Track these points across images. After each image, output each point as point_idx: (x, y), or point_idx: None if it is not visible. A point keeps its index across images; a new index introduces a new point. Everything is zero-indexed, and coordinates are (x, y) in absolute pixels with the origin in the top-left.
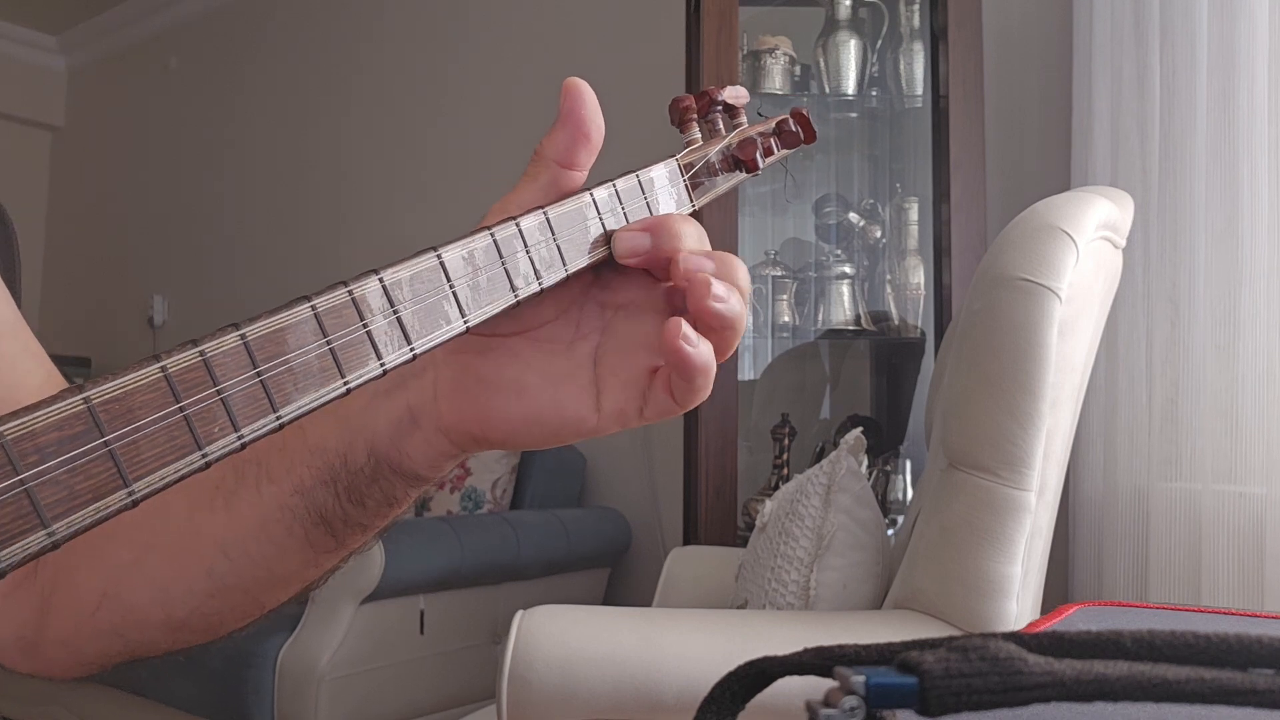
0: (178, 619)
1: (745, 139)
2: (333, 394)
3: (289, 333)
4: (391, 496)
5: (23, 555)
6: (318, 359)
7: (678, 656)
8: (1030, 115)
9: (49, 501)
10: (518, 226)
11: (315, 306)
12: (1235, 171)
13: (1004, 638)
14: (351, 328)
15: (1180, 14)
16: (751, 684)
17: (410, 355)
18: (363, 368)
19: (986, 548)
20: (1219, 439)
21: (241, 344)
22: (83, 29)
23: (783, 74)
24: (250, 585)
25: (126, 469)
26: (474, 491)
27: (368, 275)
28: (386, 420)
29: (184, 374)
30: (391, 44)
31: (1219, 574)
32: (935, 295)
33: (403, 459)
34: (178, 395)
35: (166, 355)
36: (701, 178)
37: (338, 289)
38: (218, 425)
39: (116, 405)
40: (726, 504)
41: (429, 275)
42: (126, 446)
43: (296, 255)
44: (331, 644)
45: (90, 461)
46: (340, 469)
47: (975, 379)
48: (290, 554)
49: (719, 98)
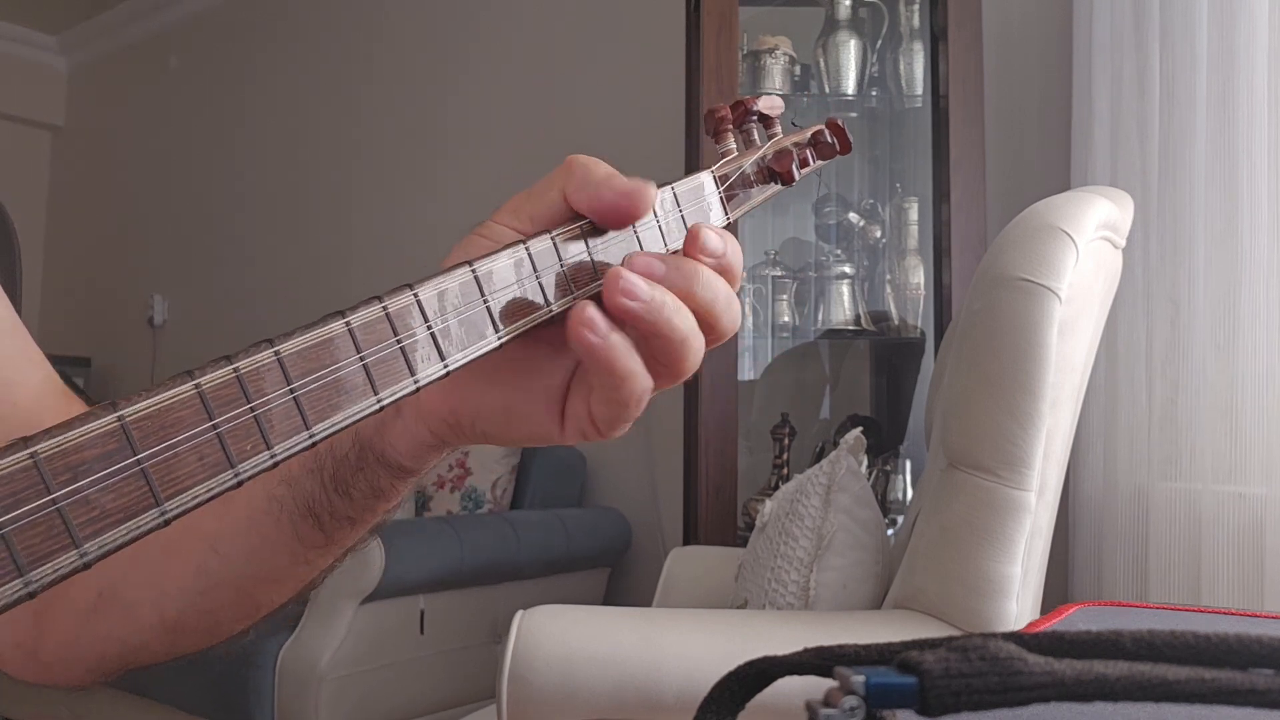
0: (171, 619)
1: (780, 150)
2: (366, 411)
3: (323, 349)
4: (377, 488)
5: (54, 576)
6: (352, 375)
7: (678, 656)
8: (1030, 115)
9: (80, 521)
10: (553, 241)
11: (350, 322)
12: (1235, 171)
13: (1004, 638)
14: (386, 343)
15: (1180, 14)
16: (751, 684)
17: (444, 371)
18: (396, 384)
19: (986, 548)
20: (1219, 439)
21: (275, 360)
22: (83, 29)
23: (783, 74)
24: (242, 582)
25: (159, 487)
26: (474, 491)
27: (402, 290)
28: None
29: (218, 390)
30: (393, 43)
31: (1219, 574)
32: (935, 295)
33: (386, 447)
34: (211, 413)
35: (200, 372)
36: (736, 189)
37: (372, 304)
38: (250, 443)
39: (150, 423)
40: (726, 504)
41: (464, 289)
42: (159, 465)
43: (297, 255)
44: (332, 644)
45: (123, 480)
46: (326, 456)
47: (975, 379)
48: (279, 548)
49: (754, 108)
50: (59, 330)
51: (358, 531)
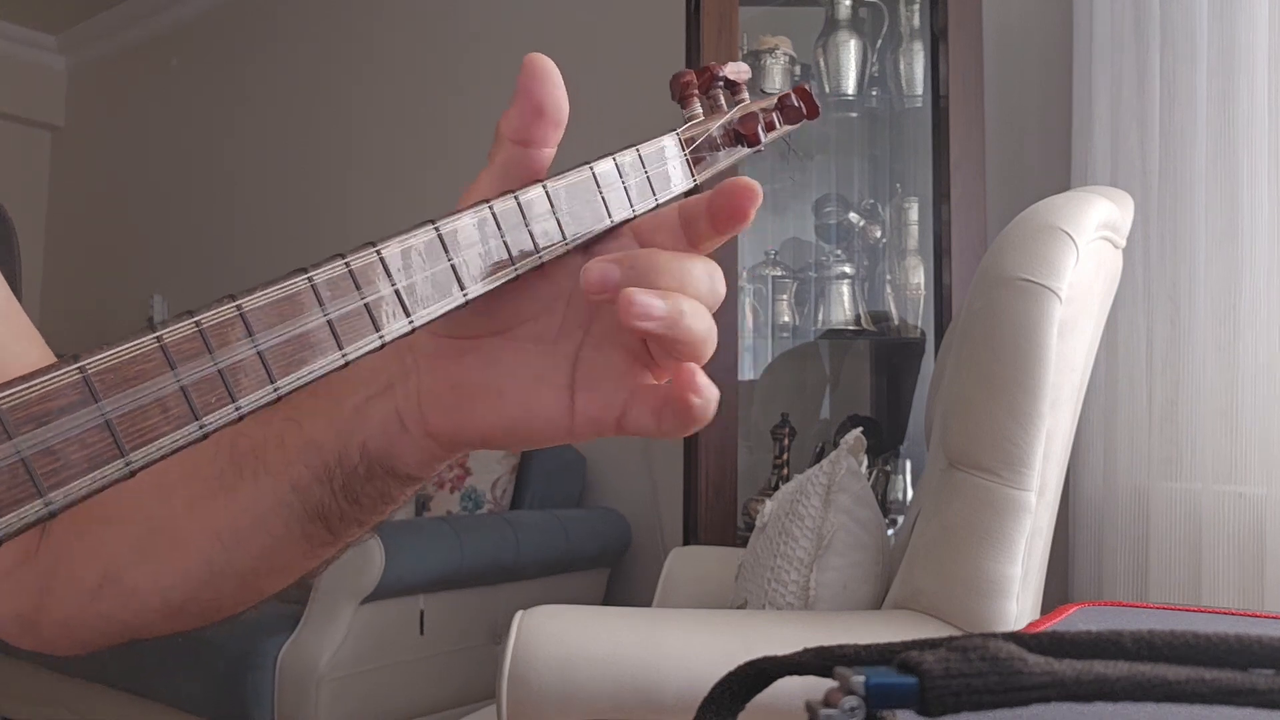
0: (175, 605)
1: (747, 114)
2: (331, 366)
3: (286, 304)
4: (387, 495)
5: (20, 524)
6: (316, 331)
7: (678, 656)
8: (1030, 115)
9: (45, 470)
10: (516, 200)
11: (312, 278)
12: (1235, 171)
13: (1004, 638)
14: (348, 298)
15: (1180, 14)
16: (751, 684)
17: (409, 327)
18: (361, 339)
19: (986, 548)
20: (1219, 439)
21: (238, 314)
22: (83, 29)
23: (783, 74)
24: (247, 575)
25: (123, 439)
26: (474, 491)
27: (365, 248)
28: (378, 423)
29: (180, 344)
30: (393, 44)
31: (1219, 574)
32: (935, 295)
33: (394, 461)
34: (174, 365)
35: (162, 326)
36: (703, 152)
37: (335, 260)
38: (215, 396)
39: (112, 375)
40: (726, 504)
41: (428, 248)
42: (123, 417)
43: (298, 255)
44: (331, 644)
45: (86, 431)
46: (335, 467)
47: (975, 379)
48: (287, 546)
49: (720, 73)
50: (59, 330)
51: (365, 529)
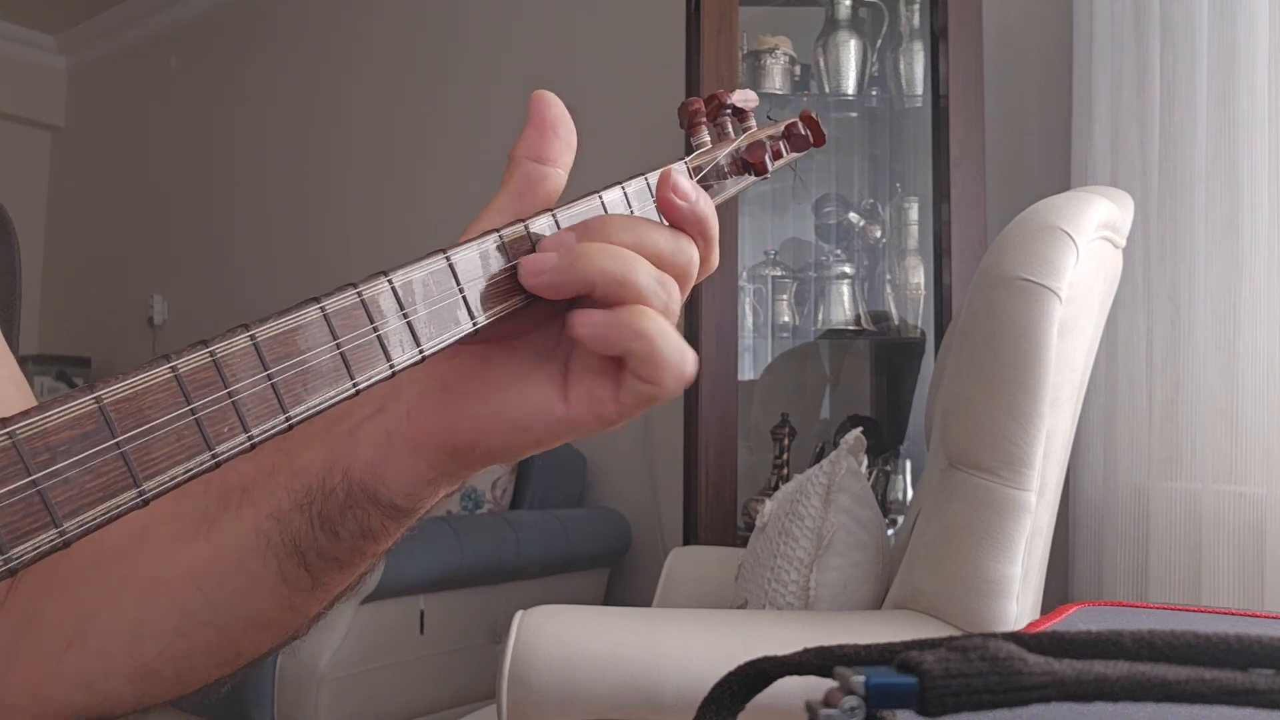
0: (146, 662)
1: (754, 142)
2: (342, 395)
3: (299, 334)
4: (367, 528)
5: (34, 553)
6: (328, 361)
7: (678, 656)
8: (1030, 115)
9: (59, 500)
10: (526, 229)
11: (325, 308)
12: (1235, 171)
13: (1004, 638)
14: (361, 330)
15: (1180, 14)
16: (751, 684)
17: (419, 357)
18: (372, 369)
19: (986, 548)
20: (1219, 439)
21: (251, 345)
22: (83, 29)
23: (783, 74)
24: (224, 624)
25: (137, 468)
26: (474, 491)
27: (377, 277)
28: (367, 444)
29: (194, 374)
30: (393, 44)
31: (1219, 574)
32: (935, 295)
33: (379, 485)
34: (188, 396)
35: (177, 356)
36: (710, 180)
37: (347, 290)
38: (227, 425)
39: (127, 405)
40: (726, 504)
41: (438, 277)
42: (137, 447)
43: (297, 255)
44: (331, 644)
45: (101, 461)
46: (316, 491)
47: (975, 379)
48: (264, 589)
49: (728, 101)
50: (59, 330)
51: (346, 576)
